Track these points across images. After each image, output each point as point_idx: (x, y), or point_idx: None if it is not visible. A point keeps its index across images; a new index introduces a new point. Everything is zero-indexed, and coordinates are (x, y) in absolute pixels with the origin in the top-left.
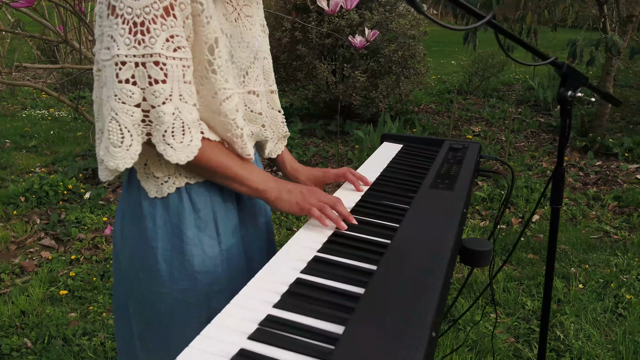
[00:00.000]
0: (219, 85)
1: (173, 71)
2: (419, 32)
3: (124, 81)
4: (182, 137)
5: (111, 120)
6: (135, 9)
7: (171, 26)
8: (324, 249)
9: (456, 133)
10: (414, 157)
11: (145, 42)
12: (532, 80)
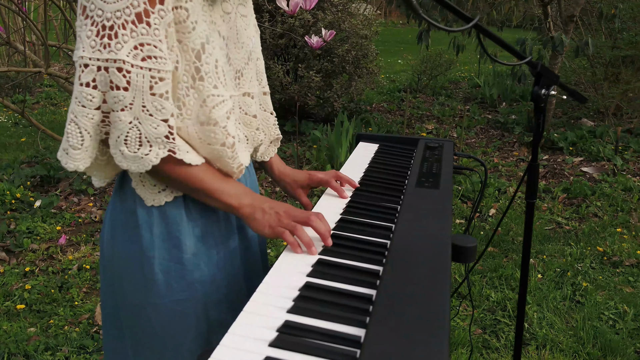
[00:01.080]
0: (207, 92)
1: (137, 80)
2: (371, 32)
3: (84, 84)
4: (136, 147)
5: (70, 122)
6: (106, 12)
7: (142, 34)
8: (326, 252)
9: (410, 131)
10: (392, 157)
11: (111, 47)
12: (478, 78)
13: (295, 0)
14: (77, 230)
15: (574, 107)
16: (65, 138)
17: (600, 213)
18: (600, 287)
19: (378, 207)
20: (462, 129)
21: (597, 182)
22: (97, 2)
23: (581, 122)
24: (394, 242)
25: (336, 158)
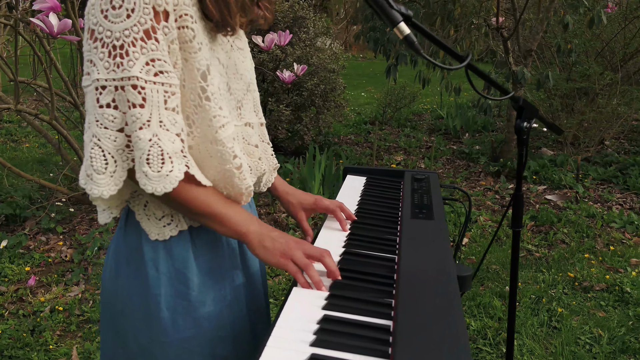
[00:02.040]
0: (214, 112)
1: (152, 96)
2: (338, 66)
3: (104, 105)
4: (159, 166)
5: (93, 146)
6: (114, 32)
7: (152, 49)
8: (336, 285)
9: (379, 162)
10: (382, 189)
11: (124, 65)
12: (441, 109)
13: (271, 37)
14: (47, 271)
15: (533, 137)
16: (89, 163)
17: (567, 239)
18: (574, 313)
19: (378, 239)
20: (431, 160)
21: (562, 209)
22: (105, 23)
23: (541, 152)
24: (401, 274)
25: (309, 190)
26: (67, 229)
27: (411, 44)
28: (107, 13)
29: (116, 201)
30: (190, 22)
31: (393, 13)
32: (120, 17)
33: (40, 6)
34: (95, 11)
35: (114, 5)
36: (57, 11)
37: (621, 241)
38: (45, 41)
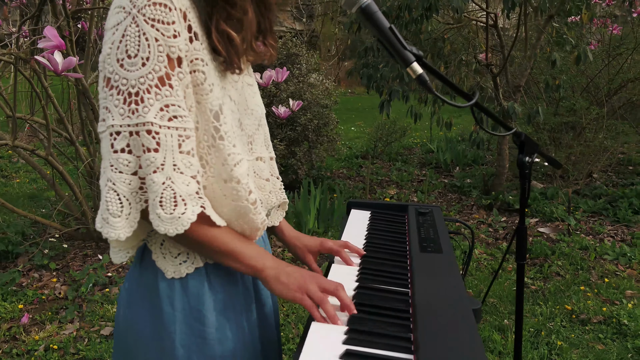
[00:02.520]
0: (228, 150)
1: (166, 140)
2: (331, 101)
3: (119, 150)
4: (172, 208)
5: (109, 190)
6: (130, 80)
7: (166, 95)
8: (354, 319)
9: (372, 196)
10: (387, 223)
11: (139, 112)
12: (431, 143)
13: (269, 74)
14: (40, 308)
15: None
16: (105, 207)
17: (562, 272)
18: (574, 345)
19: (389, 273)
20: (425, 193)
21: (555, 242)
22: (121, 72)
23: (531, 185)
24: (417, 308)
25: (304, 225)
26: (61, 265)
27: (424, 83)
28: (122, 62)
29: (132, 241)
30: (201, 65)
31: (406, 54)
32: (135, 65)
33: (46, 44)
34: (112, 60)
35: (129, 54)
36: (61, 49)
37: (615, 273)
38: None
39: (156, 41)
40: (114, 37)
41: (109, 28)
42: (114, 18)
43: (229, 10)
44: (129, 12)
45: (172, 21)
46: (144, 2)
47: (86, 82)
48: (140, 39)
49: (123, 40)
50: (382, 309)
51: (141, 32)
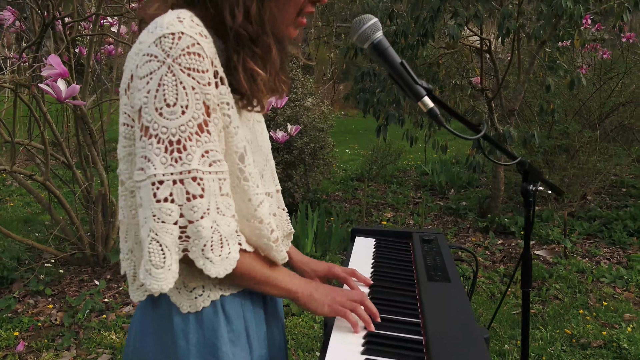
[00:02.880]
0: (252, 191)
1: (210, 185)
2: (327, 124)
3: (162, 200)
4: (220, 250)
5: (151, 241)
6: (170, 129)
7: (206, 141)
8: (368, 351)
9: (369, 219)
10: (393, 251)
11: (183, 160)
12: (425, 166)
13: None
14: (36, 335)
15: (517, 193)
16: (147, 258)
17: (560, 295)
18: None
19: (398, 302)
20: (423, 216)
21: (552, 264)
22: (161, 120)
23: None
24: (430, 338)
25: (302, 248)
26: (57, 291)
27: (434, 117)
28: (161, 111)
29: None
30: (227, 109)
31: (417, 88)
32: (175, 114)
33: (49, 72)
34: (149, 109)
35: (168, 103)
36: (65, 77)
37: (613, 296)
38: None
39: (193, 89)
40: (148, 87)
41: (141, 77)
42: (146, 67)
43: (254, 49)
44: (163, 62)
45: (206, 69)
46: (178, 52)
47: (84, 108)
48: (177, 87)
49: (160, 89)
50: (394, 340)
51: (178, 81)
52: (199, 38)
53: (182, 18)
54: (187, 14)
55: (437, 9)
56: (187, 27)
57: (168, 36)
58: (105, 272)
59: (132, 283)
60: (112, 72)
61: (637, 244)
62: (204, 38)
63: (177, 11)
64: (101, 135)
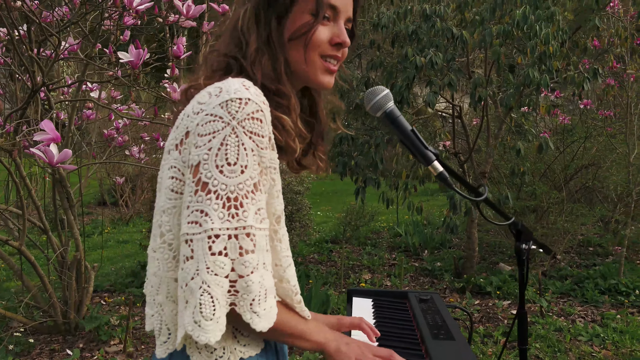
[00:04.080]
0: (283, 253)
1: (260, 241)
2: (303, 187)
3: (217, 253)
4: (265, 304)
5: (203, 292)
6: (229, 186)
7: (259, 200)
8: None
9: (347, 282)
10: (392, 311)
11: (239, 216)
12: (398, 227)
13: None
14: None
15: (490, 253)
16: (198, 310)
17: (541, 355)
18: None
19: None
20: (401, 278)
21: (530, 324)
22: (221, 177)
23: (499, 267)
24: None
25: None
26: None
27: (444, 180)
28: (222, 168)
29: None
30: (274, 172)
31: (427, 153)
32: (235, 172)
33: (42, 137)
34: (210, 166)
35: (229, 162)
36: (57, 142)
37: (591, 354)
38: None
39: (252, 151)
40: (210, 144)
41: (202, 134)
42: (209, 126)
43: (277, 100)
44: (227, 123)
45: (265, 134)
46: (243, 115)
47: (63, 171)
48: (239, 148)
49: (222, 148)
50: None
51: (240, 142)
52: (262, 105)
53: (247, 86)
54: (251, 83)
55: (413, 77)
56: (253, 94)
57: (235, 100)
58: (78, 340)
59: (157, 338)
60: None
61: (609, 302)
62: (266, 105)
63: (241, 79)
64: (79, 199)
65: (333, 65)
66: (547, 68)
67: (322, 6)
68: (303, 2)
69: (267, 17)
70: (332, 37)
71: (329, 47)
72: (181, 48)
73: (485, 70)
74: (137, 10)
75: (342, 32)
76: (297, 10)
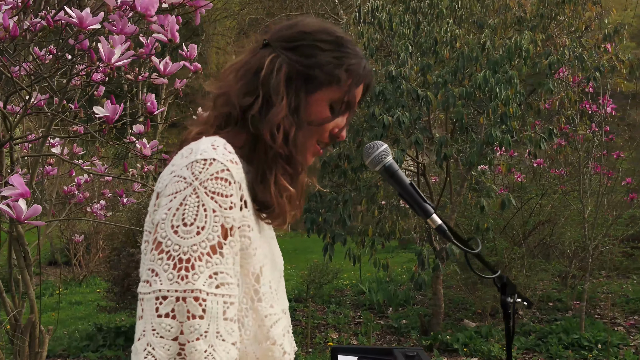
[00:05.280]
0: (265, 311)
1: (212, 307)
2: None
3: (163, 315)
4: None
5: (147, 355)
6: (182, 247)
7: (216, 263)
8: None
9: (314, 341)
10: None
11: (188, 278)
12: (362, 284)
13: None
14: None
15: (454, 310)
16: None
17: None
18: None
19: None
20: (369, 337)
21: None
22: (174, 238)
23: (464, 323)
24: None
25: None
26: None
27: (443, 232)
28: (177, 229)
29: None
30: (247, 231)
31: (426, 206)
32: (190, 233)
33: (10, 192)
34: (166, 225)
35: (185, 222)
36: (26, 197)
37: None
38: None
39: (213, 212)
40: (170, 204)
41: (166, 195)
42: (173, 186)
43: (287, 167)
44: (190, 183)
45: (231, 194)
46: (206, 176)
47: (22, 228)
48: (199, 209)
49: (180, 208)
50: None
51: (200, 203)
52: (229, 164)
53: (216, 145)
54: (221, 142)
55: (380, 135)
56: (219, 154)
57: (200, 161)
58: None
59: None
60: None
61: (573, 357)
62: (234, 165)
63: (212, 138)
64: (37, 258)
65: (322, 149)
66: (508, 128)
67: (350, 107)
68: (332, 90)
69: (298, 87)
70: (334, 128)
71: (328, 136)
72: (155, 104)
73: (446, 128)
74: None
75: (345, 126)
76: (324, 93)
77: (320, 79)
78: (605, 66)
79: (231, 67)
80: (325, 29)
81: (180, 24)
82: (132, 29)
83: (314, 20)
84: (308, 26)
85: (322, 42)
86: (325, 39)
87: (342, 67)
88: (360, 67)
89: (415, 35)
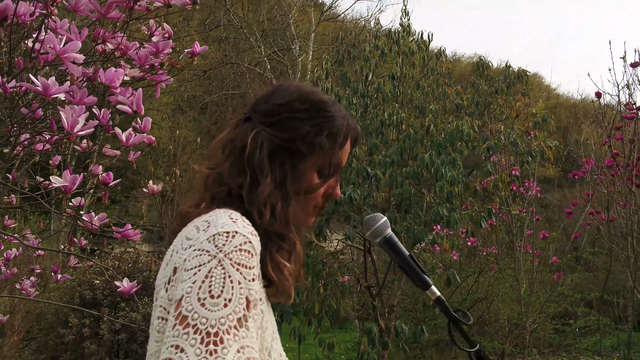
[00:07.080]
0: None
1: None
2: None
3: None
4: None
5: None
6: (210, 320)
7: (242, 337)
8: None
9: None
10: None
11: (217, 353)
12: None
13: None
14: None
15: None
16: None
17: None
18: None
19: None
20: None
21: None
22: (201, 311)
23: None
24: None
25: None
26: None
27: (441, 304)
28: (204, 301)
29: None
30: (260, 304)
31: (425, 278)
32: (217, 306)
33: None
34: (192, 299)
35: (212, 294)
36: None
37: None
38: None
39: (239, 284)
40: (195, 277)
41: (188, 269)
42: (195, 260)
43: (280, 243)
44: (214, 256)
45: (253, 266)
46: (230, 248)
47: None
48: (225, 281)
49: (207, 280)
50: None
51: (227, 274)
52: (250, 237)
53: (235, 218)
54: (238, 215)
55: (332, 212)
56: (240, 227)
57: (222, 234)
58: None
59: None
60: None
61: None
62: (254, 237)
63: (227, 211)
64: None
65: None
66: (452, 206)
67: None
68: (317, 158)
69: (282, 160)
70: (327, 190)
71: (323, 198)
72: (110, 175)
73: (389, 206)
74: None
75: (337, 186)
76: (309, 162)
77: (303, 150)
78: (536, 151)
79: (218, 143)
80: (301, 96)
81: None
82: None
83: (289, 86)
84: (283, 96)
85: (298, 112)
86: (301, 108)
87: (322, 134)
88: (342, 127)
89: (362, 118)
